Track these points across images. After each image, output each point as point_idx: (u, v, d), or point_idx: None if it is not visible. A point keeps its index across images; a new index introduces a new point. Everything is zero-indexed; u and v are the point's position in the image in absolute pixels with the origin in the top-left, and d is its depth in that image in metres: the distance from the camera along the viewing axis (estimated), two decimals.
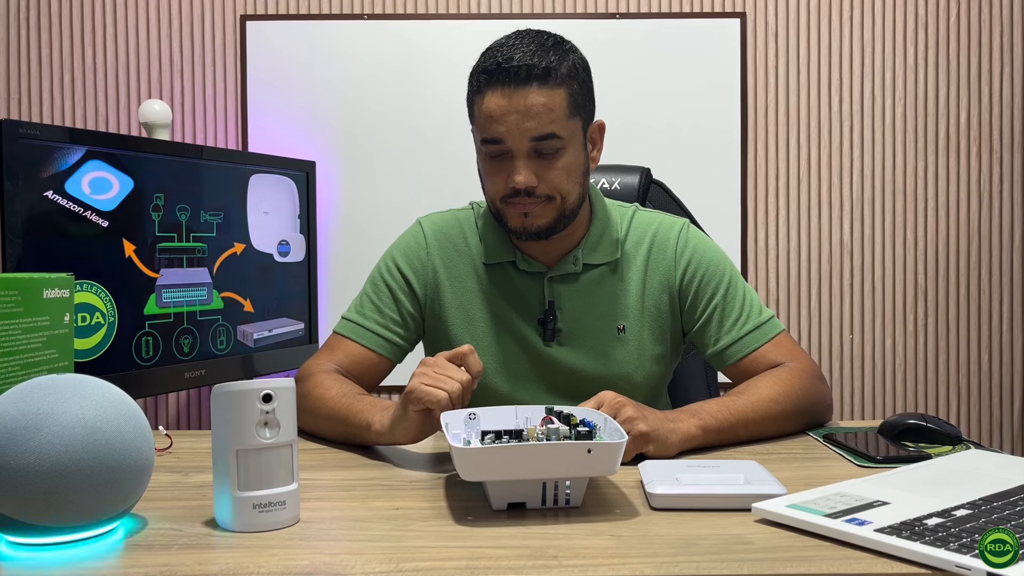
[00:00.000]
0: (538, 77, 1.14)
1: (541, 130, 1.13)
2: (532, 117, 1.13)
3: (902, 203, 2.58)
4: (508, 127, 1.14)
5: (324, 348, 1.27)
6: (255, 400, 0.74)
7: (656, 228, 1.28)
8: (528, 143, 1.14)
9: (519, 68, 1.14)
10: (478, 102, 1.19)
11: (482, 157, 1.21)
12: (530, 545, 0.71)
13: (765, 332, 1.22)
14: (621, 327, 1.25)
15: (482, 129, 1.18)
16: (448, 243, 1.30)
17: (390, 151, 2.54)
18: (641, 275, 1.26)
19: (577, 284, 1.25)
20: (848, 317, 2.59)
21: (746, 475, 0.85)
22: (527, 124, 1.13)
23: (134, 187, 1.93)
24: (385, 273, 1.30)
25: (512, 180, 1.15)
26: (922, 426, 1.09)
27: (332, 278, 2.55)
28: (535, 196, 1.16)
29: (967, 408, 2.61)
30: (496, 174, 1.18)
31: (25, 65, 2.54)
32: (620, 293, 1.26)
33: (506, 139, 1.15)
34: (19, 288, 0.92)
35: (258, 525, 0.75)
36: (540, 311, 1.25)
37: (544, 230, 1.19)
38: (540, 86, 1.14)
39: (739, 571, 0.64)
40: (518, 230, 1.20)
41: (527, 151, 1.15)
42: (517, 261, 1.26)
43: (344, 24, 2.53)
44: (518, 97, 1.13)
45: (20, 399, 0.71)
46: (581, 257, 1.25)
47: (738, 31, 2.54)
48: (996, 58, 2.56)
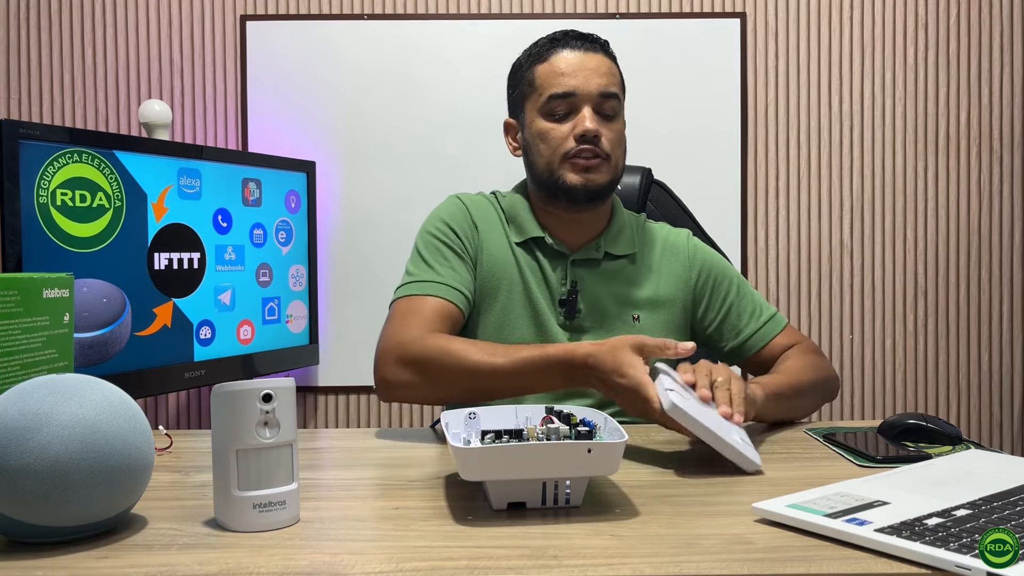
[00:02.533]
0: (603, 47, 1.28)
1: (608, 88, 1.24)
2: (602, 75, 1.24)
3: (902, 203, 2.58)
4: (580, 80, 1.23)
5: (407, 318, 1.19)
6: (255, 400, 0.74)
7: (666, 234, 1.38)
8: (596, 97, 1.23)
9: (588, 35, 1.28)
10: (542, 67, 1.26)
11: (542, 121, 1.25)
12: (530, 545, 0.70)
13: (777, 323, 1.34)
14: (636, 317, 1.29)
15: (551, 85, 1.24)
16: (483, 215, 1.33)
17: (390, 151, 2.54)
18: (656, 271, 1.33)
19: (598, 270, 1.30)
20: (848, 317, 2.59)
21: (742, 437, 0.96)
22: (598, 80, 1.23)
23: (134, 187, 1.93)
24: (438, 234, 1.29)
25: (581, 127, 1.21)
26: (922, 426, 1.09)
27: (332, 278, 2.55)
28: (598, 149, 1.22)
29: (967, 408, 2.60)
30: (558, 131, 1.24)
31: (25, 65, 2.54)
32: (636, 285, 1.31)
33: (577, 91, 1.22)
34: (19, 288, 0.92)
35: (258, 525, 0.75)
36: (560, 291, 1.28)
37: (601, 190, 1.24)
38: (604, 55, 1.27)
39: (739, 571, 0.64)
40: (578, 186, 1.23)
41: (593, 105, 1.23)
42: (545, 237, 1.29)
43: (344, 24, 2.53)
44: (589, 57, 1.25)
45: (20, 399, 0.71)
46: (603, 245, 1.30)
47: (738, 31, 2.54)
48: (996, 58, 2.56)
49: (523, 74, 1.29)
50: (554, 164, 1.24)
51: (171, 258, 2.01)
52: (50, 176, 1.74)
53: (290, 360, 2.39)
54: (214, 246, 2.14)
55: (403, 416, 2.59)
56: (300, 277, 2.42)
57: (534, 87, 1.26)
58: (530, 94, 1.27)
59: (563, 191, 1.24)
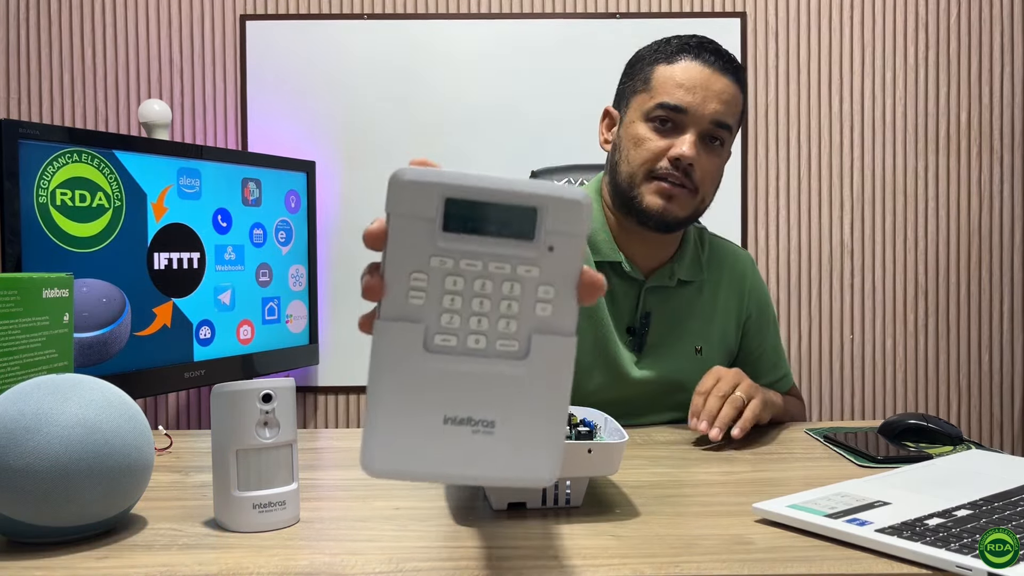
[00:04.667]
0: (734, 72, 1.16)
1: (724, 117, 1.14)
2: (722, 102, 1.14)
3: (902, 203, 2.58)
4: (697, 99, 1.13)
5: None
6: (255, 400, 0.74)
7: (733, 258, 1.33)
8: (707, 123, 1.14)
9: (723, 54, 1.16)
10: (664, 69, 1.16)
11: (642, 125, 1.16)
12: (530, 545, 0.70)
13: (788, 382, 1.35)
14: (699, 349, 1.26)
15: (665, 93, 1.14)
16: None
17: (390, 151, 2.54)
18: (719, 299, 1.29)
19: (669, 298, 1.25)
20: (848, 317, 2.59)
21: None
22: (715, 105, 1.13)
23: (134, 187, 1.93)
24: None
25: (678, 149, 1.12)
26: (922, 426, 1.09)
27: (332, 278, 2.55)
28: (687, 180, 1.14)
29: (967, 408, 2.60)
30: (654, 144, 1.14)
31: (25, 65, 2.53)
32: (700, 314, 1.27)
33: (690, 109, 1.13)
34: (18, 288, 0.92)
35: (258, 525, 0.74)
36: (630, 319, 1.23)
37: (677, 223, 1.17)
38: (733, 81, 1.16)
39: (739, 571, 0.64)
40: (653, 212, 1.15)
41: (701, 130, 1.14)
42: (623, 263, 1.22)
43: (344, 24, 2.53)
44: (716, 79, 1.14)
45: (20, 399, 0.71)
46: (677, 271, 1.25)
47: (738, 31, 2.54)
48: (996, 58, 2.56)
49: (642, 68, 1.19)
50: (637, 177, 1.16)
51: (171, 258, 2.01)
52: (50, 176, 1.74)
53: (290, 360, 2.39)
54: (214, 246, 2.14)
55: None
56: (300, 277, 2.42)
57: (648, 86, 1.17)
58: (641, 92, 1.17)
59: (636, 211, 1.17)
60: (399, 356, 0.51)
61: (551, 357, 0.51)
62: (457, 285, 0.50)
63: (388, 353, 0.51)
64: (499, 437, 0.51)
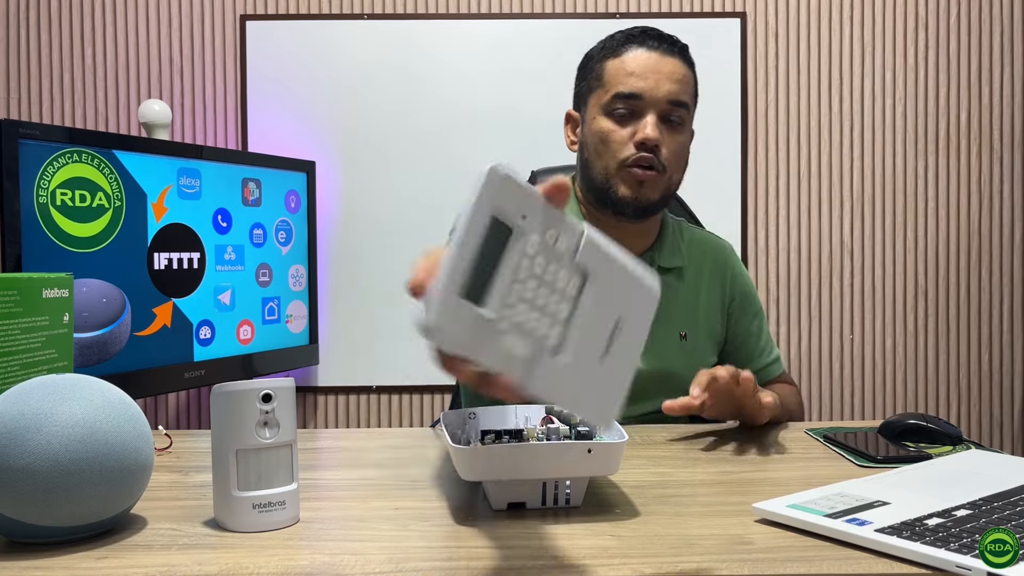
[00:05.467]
0: (681, 52, 1.21)
1: (679, 96, 1.18)
2: (674, 82, 1.18)
3: (902, 203, 2.58)
4: (650, 83, 1.17)
5: None
6: (255, 400, 0.74)
7: (714, 246, 1.35)
8: (664, 103, 1.17)
9: (667, 37, 1.22)
10: (613, 62, 1.21)
11: (603, 120, 1.20)
12: (530, 545, 0.70)
13: (779, 366, 1.35)
14: (683, 334, 1.27)
15: (618, 83, 1.19)
16: None
17: (390, 151, 2.54)
18: (702, 287, 1.30)
19: None
20: (848, 317, 2.59)
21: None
22: (669, 86, 1.17)
23: (134, 187, 1.93)
24: None
25: (642, 133, 1.16)
26: (922, 426, 1.09)
27: (332, 278, 2.55)
28: (656, 162, 1.18)
29: (967, 408, 2.60)
30: (618, 135, 1.18)
31: (25, 65, 2.53)
32: (685, 300, 1.28)
33: (645, 94, 1.17)
34: (18, 288, 0.92)
35: (258, 525, 0.74)
36: None
37: (652, 205, 1.20)
38: (682, 60, 1.21)
39: (739, 571, 0.64)
40: (629, 200, 1.19)
41: (660, 112, 1.18)
42: None
43: (344, 24, 2.53)
44: (664, 61, 1.19)
45: (20, 399, 0.71)
46: (657, 259, 1.27)
47: (738, 31, 2.54)
48: (996, 58, 2.56)
49: (592, 67, 1.24)
50: (610, 171, 1.20)
51: (171, 258, 2.01)
52: (50, 176, 1.74)
53: (290, 360, 2.39)
54: (214, 246, 2.14)
55: (403, 416, 2.59)
56: (300, 277, 2.42)
57: (601, 82, 1.21)
58: (596, 89, 1.22)
59: (612, 202, 1.21)
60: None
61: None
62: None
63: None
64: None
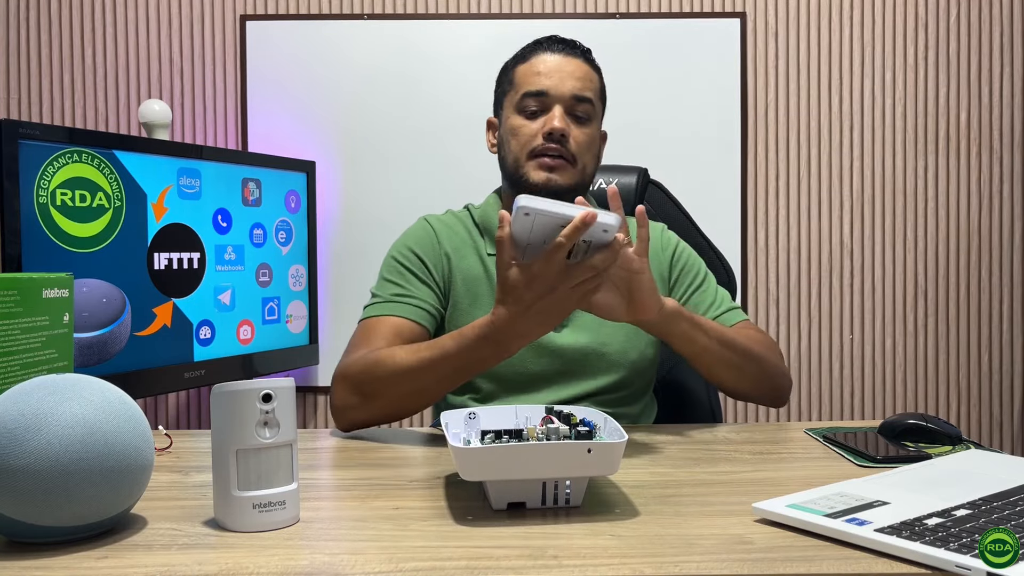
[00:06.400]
0: (584, 54, 1.31)
1: (582, 91, 1.26)
2: (578, 79, 1.27)
3: (902, 203, 2.58)
4: (555, 81, 1.26)
5: (359, 340, 1.22)
6: (255, 400, 0.74)
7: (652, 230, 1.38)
8: (569, 99, 1.26)
9: (570, 41, 1.31)
10: (522, 67, 1.30)
11: (515, 117, 1.28)
12: (530, 545, 0.70)
13: (738, 313, 1.33)
14: None
15: (526, 84, 1.27)
16: (453, 234, 1.34)
17: (390, 151, 2.54)
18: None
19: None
20: (848, 317, 2.59)
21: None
22: (572, 83, 1.26)
23: (134, 187, 1.93)
24: (401, 259, 1.32)
25: (549, 124, 1.24)
26: (922, 426, 1.09)
27: (332, 278, 2.55)
28: (563, 151, 1.24)
29: (967, 408, 2.60)
30: (527, 128, 1.26)
31: (25, 65, 2.54)
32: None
33: (550, 91, 1.26)
34: (18, 288, 0.92)
35: (258, 525, 0.75)
36: None
37: (563, 191, 1.23)
38: (584, 61, 1.30)
39: (739, 571, 0.64)
40: (540, 185, 1.24)
41: (565, 106, 1.26)
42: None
43: (344, 24, 2.53)
44: (567, 61, 1.28)
45: (20, 399, 0.71)
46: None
47: (738, 31, 2.54)
48: (996, 58, 2.56)
49: (506, 73, 1.33)
50: (521, 160, 1.26)
51: (171, 258, 2.01)
52: (50, 176, 1.74)
53: (290, 360, 2.39)
54: (214, 246, 2.14)
55: None
56: (300, 277, 2.42)
57: (512, 85, 1.30)
58: (509, 92, 1.31)
59: (526, 189, 1.25)
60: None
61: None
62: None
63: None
64: None
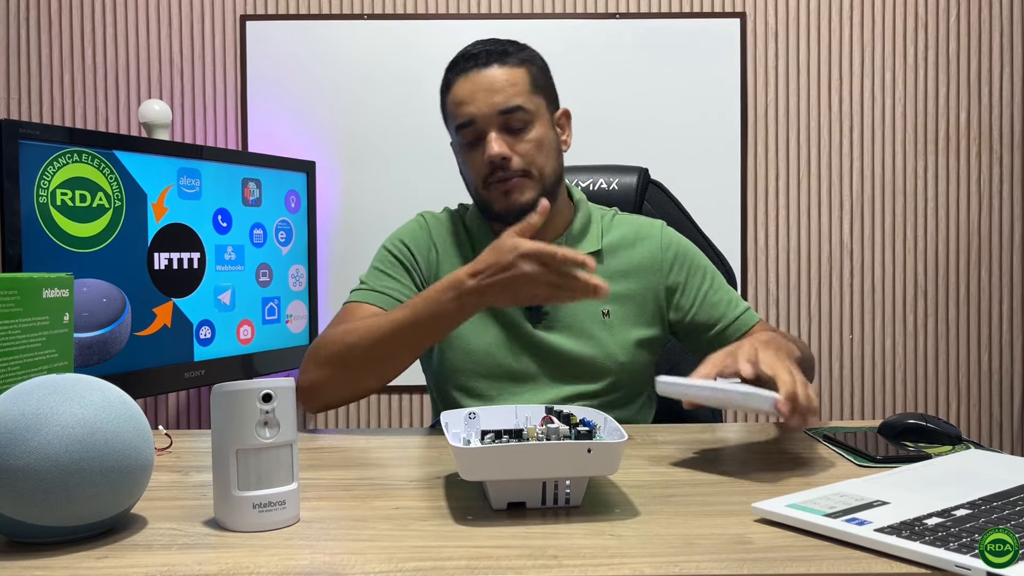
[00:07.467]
0: (497, 58, 1.23)
1: (507, 103, 1.21)
2: (497, 92, 1.21)
3: (902, 203, 2.58)
4: (476, 104, 1.21)
5: (339, 319, 1.24)
6: (255, 400, 0.74)
7: (639, 225, 1.36)
8: (497, 117, 1.21)
9: (478, 54, 1.24)
10: (448, 98, 1.26)
11: (460, 151, 1.27)
12: (530, 545, 0.70)
13: (753, 316, 1.32)
14: (606, 312, 1.28)
15: (455, 117, 1.24)
16: (445, 232, 1.34)
17: (390, 151, 2.54)
18: (626, 264, 1.31)
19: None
20: (848, 317, 2.59)
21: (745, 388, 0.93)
22: (493, 99, 1.20)
23: (134, 187, 1.93)
24: (393, 250, 1.32)
25: (487, 153, 1.20)
26: (922, 426, 1.09)
27: (332, 278, 2.55)
28: (511, 171, 1.21)
29: (967, 408, 2.61)
30: (474, 159, 1.24)
31: (25, 65, 2.54)
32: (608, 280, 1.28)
33: (476, 117, 1.21)
34: (18, 288, 0.92)
35: (258, 525, 0.75)
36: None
37: (528, 205, 1.20)
38: (500, 65, 1.22)
39: (739, 571, 0.64)
40: (503, 212, 1.23)
41: (498, 125, 1.21)
42: None
43: (344, 24, 2.53)
44: (481, 77, 1.22)
45: (20, 399, 0.71)
46: (565, 244, 1.28)
47: (738, 31, 2.54)
48: (996, 58, 2.56)
49: (442, 103, 1.30)
50: (480, 191, 1.25)
51: (171, 258, 2.01)
52: (50, 176, 1.74)
53: (290, 360, 2.39)
54: (214, 246, 2.14)
55: (403, 416, 2.60)
56: (300, 277, 2.42)
57: (447, 118, 1.28)
58: (447, 123, 1.29)
59: (496, 216, 1.25)
60: None
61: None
62: None
63: None
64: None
